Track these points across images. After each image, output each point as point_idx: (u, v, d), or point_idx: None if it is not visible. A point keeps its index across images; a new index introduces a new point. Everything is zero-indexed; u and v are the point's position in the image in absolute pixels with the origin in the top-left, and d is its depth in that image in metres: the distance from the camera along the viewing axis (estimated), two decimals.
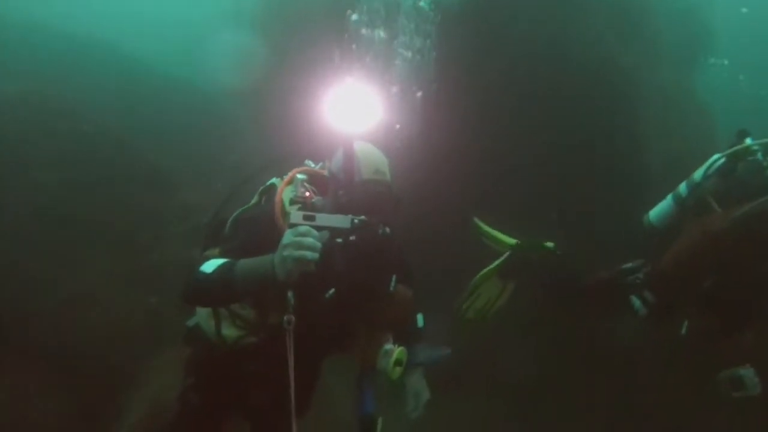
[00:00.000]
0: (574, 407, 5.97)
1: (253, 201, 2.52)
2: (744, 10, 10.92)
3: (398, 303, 2.50)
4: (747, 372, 3.08)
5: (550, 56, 6.27)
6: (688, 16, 8.73)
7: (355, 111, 2.24)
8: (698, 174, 3.36)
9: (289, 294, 2.00)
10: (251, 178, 2.53)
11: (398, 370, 2.46)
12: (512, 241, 3.91)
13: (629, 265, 3.52)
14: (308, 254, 1.84)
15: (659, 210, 3.61)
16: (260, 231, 2.13)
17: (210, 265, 2.06)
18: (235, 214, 2.43)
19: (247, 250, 2.07)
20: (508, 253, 3.84)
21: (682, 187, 3.45)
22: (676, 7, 8.37)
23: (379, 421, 2.58)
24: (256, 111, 7.81)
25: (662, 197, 6.53)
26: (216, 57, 8.80)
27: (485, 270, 3.83)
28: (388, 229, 2.39)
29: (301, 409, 2.64)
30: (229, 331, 2.36)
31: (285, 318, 2.01)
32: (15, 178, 5.71)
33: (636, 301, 3.35)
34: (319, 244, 1.88)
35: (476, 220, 4.08)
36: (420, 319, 2.87)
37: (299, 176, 2.12)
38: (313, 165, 2.59)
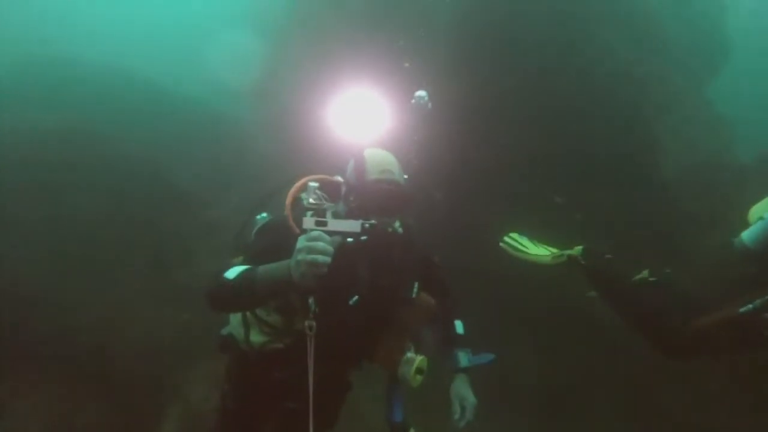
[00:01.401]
0: (584, 408, 6.07)
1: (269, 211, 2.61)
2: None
3: (420, 310, 2.56)
4: None
5: (562, 69, 6.34)
6: (701, 23, 8.69)
7: (364, 118, 2.28)
8: None
9: (311, 300, 2.09)
10: (275, 192, 2.57)
11: (419, 378, 2.47)
12: (545, 255, 3.76)
13: (756, 303, 3.06)
14: (320, 258, 1.91)
15: (758, 231, 3.18)
16: (278, 238, 2.17)
17: (233, 272, 2.15)
18: (257, 224, 2.52)
19: (267, 256, 2.13)
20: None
21: None
22: (688, 15, 8.34)
23: (412, 430, 2.62)
24: (276, 130, 7.98)
25: (682, 208, 6.58)
26: (239, 80, 9.05)
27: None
28: (399, 228, 2.45)
29: (330, 420, 2.76)
30: (256, 338, 2.44)
31: (306, 323, 2.09)
32: (56, 206, 6.01)
33: None
34: (330, 248, 1.94)
35: (502, 243, 3.90)
36: (459, 325, 2.87)
37: (311, 184, 2.14)
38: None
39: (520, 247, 3.83)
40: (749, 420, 5.18)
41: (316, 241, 1.94)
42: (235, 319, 2.55)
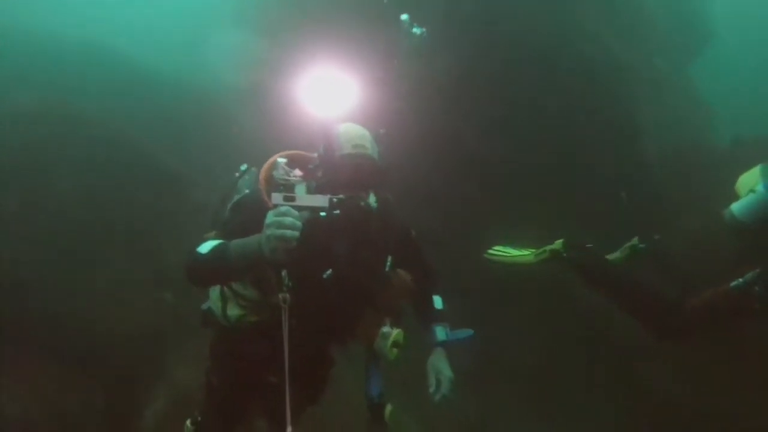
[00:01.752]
0: (578, 394, 6.21)
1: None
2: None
3: (396, 284, 2.60)
4: None
5: (546, 53, 6.40)
6: (682, 6, 8.77)
7: (335, 95, 2.35)
8: None
9: (284, 273, 2.18)
10: (253, 169, 2.63)
11: (395, 351, 2.51)
12: (527, 254, 3.83)
13: (747, 277, 3.12)
14: (288, 233, 1.95)
15: (748, 204, 3.15)
16: (252, 213, 2.19)
17: (206, 246, 2.22)
18: (233, 200, 2.57)
19: (241, 232, 2.19)
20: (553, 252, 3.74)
21: None
22: (674, 7, 8.43)
23: (388, 407, 2.66)
24: (263, 109, 7.97)
25: (665, 190, 6.69)
26: (222, 58, 8.97)
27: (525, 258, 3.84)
28: (375, 203, 2.51)
29: (313, 396, 2.85)
30: (233, 311, 2.51)
31: (280, 296, 2.18)
32: (35, 185, 5.94)
33: None
34: (298, 223, 1.99)
35: (486, 255, 3.98)
36: (438, 300, 2.92)
37: (279, 159, 2.17)
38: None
39: (502, 254, 3.90)
40: (730, 396, 5.36)
41: (284, 216, 1.98)
42: (214, 293, 2.60)
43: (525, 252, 3.85)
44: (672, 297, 3.43)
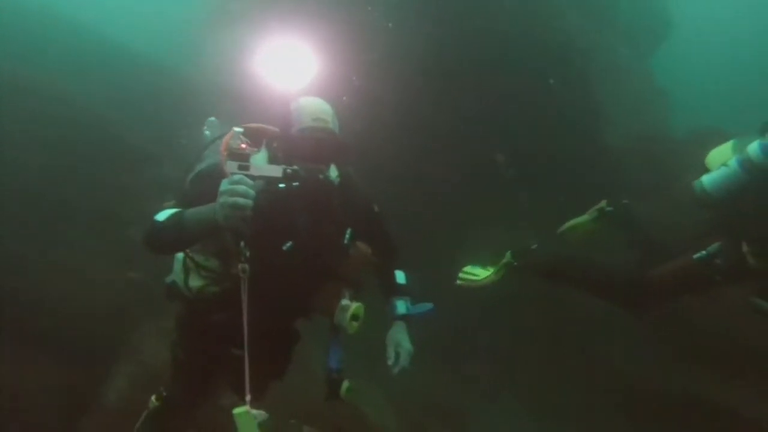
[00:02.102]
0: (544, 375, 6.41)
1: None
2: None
3: (355, 257, 2.64)
4: None
5: (512, 30, 6.47)
6: (646, 4, 8.95)
7: (298, 68, 2.35)
8: None
9: (242, 244, 2.22)
10: (216, 141, 2.62)
11: (355, 325, 2.54)
12: (490, 273, 3.85)
13: (709, 249, 3.17)
14: (241, 200, 1.99)
15: (719, 178, 3.10)
16: (212, 183, 2.19)
17: (163, 214, 2.26)
18: (194, 171, 2.56)
19: (200, 201, 2.22)
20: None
21: (755, 153, 2.95)
22: None
23: (345, 383, 2.64)
24: (231, 87, 7.88)
25: (625, 175, 6.86)
26: (190, 35, 8.81)
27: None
28: (337, 177, 2.55)
29: (277, 369, 2.85)
30: (194, 282, 2.53)
31: (240, 267, 2.21)
32: None
33: (760, 302, 3.06)
34: (251, 192, 2.02)
35: (458, 281, 3.95)
36: (401, 275, 2.97)
37: (236, 129, 2.21)
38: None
39: (472, 278, 3.88)
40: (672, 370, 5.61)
41: (238, 184, 2.02)
42: (177, 265, 2.62)
43: (488, 271, 3.85)
44: (632, 269, 3.51)
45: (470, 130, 6.43)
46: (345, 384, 2.65)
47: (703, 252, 3.18)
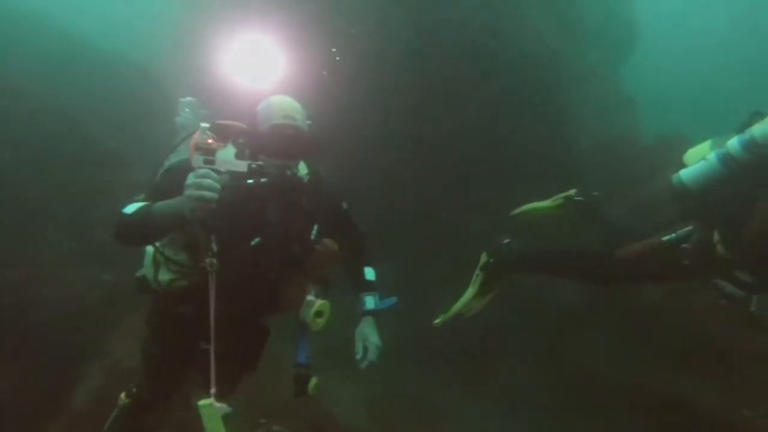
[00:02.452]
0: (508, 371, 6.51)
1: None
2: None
3: (322, 254, 2.65)
4: None
5: (482, 41, 6.58)
6: (613, 8, 9.16)
7: (268, 67, 2.43)
8: (759, 132, 3.02)
9: (212, 238, 2.28)
10: (187, 138, 2.61)
11: (320, 321, 2.59)
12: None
13: (679, 232, 3.26)
14: (206, 194, 2.04)
15: (698, 171, 3.19)
16: (180, 177, 2.22)
17: (131, 207, 2.31)
18: (164, 166, 2.60)
19: (169, 194, 2.25)
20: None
21: (734, 148, 3.03)
22: (604, 6, 8.79)
23: (313, 379, 2.65)
24: (200, 86, 7.85)
25: (590, 177, 6.99)
26: (160, 34, 8.75)
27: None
28: (307, 174, 2.60)
29: (247, 364, 2.88)
30: (164, 276, 2.55)
31: (208, 261, 2.27)
32: None
33: (726, 285, 3.15)
34: (217, 185, 2.08)
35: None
36: (370, 272, 3.02)
37: (203, 125, 2.22)
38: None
39: (458, 307, 3.79)
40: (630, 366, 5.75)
41: (203, 178, 2.08)
42: (147, 259, 2.65)
43: (469, 293, 3.83)
44: (602, 249, 3.61)
45: (441, 133, 6.51)
46: (313, 380, 2.67)
47: (673, 234, 3.27)
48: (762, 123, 2.97)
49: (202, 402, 2.16)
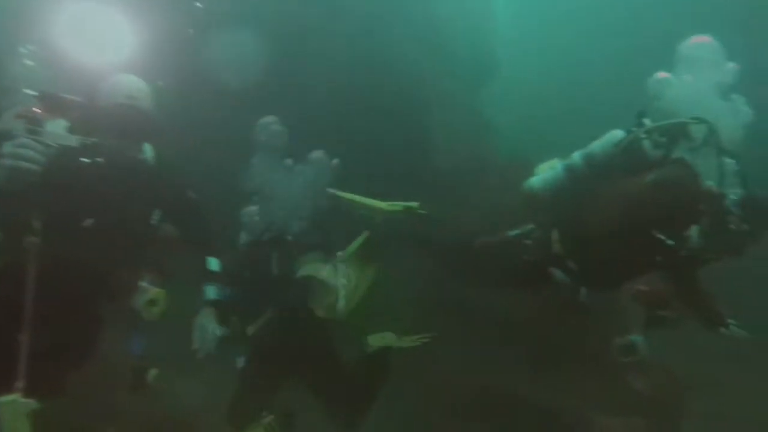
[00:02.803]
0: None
1: None
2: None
3: (160, 240, 2.63)
4: (638, 339, 3.45)
5: (342, 57, 6.84)
6: (475, 34, 9.79)
7: (116, 43, 2.38)
8: (597, 148, 3.39)
9: (34, 214, 2.15)
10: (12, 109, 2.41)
11: (154, 310, 2.52)
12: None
13: (523, 229, 3.61)
14: (23, 164, 1.93)
15: (545, 178, 3.56)
16: None
17: None
18: None
19: None
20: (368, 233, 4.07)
21: (577, 159, 3.43)
22: (466, 32, 9.41)
23: (152, 371, 2.60)
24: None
25: (458, 196, 7.30)
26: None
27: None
28: (151, 157, 2.53)
29: (81, 354, 2.71)
30: None
31: (27, 240, 2.14)
32: None
33: (557, 272, 3.40)
34: (40, 157, 1.98)
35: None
36: (213, 262, 2.96)
37: (29, 92, 2.13)
38: None
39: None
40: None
41: (23, 148, 1.96)
42: None
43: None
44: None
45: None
46: (152, 371, 2.63)
47: (517, 230, 3.65)
48: (600, 140, 3.39)
49: (3, 399, 1.99)
